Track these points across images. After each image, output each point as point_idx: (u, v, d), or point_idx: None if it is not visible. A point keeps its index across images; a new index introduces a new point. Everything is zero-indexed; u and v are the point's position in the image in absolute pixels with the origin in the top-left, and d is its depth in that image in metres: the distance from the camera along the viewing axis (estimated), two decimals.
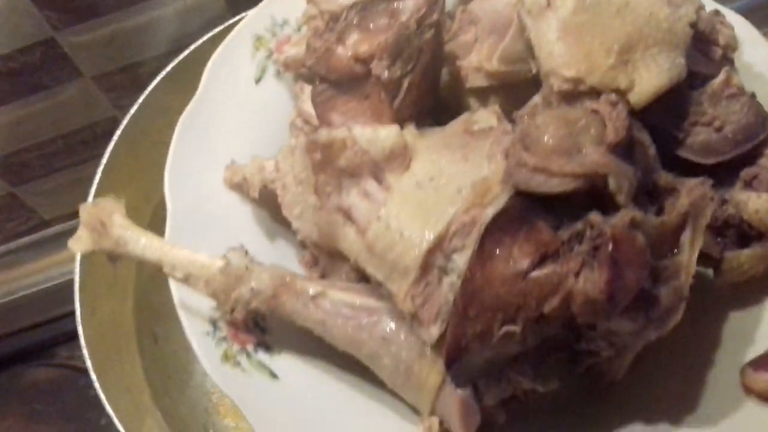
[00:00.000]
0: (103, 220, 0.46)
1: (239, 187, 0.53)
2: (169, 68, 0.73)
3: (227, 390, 0.45)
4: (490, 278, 0.39)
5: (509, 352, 0.42)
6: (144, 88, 0.72)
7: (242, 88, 0.57)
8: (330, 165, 0.46)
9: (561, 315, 0.40)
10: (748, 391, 0.46)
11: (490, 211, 0.41)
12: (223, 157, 0.54)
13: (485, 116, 0.47)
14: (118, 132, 0.72)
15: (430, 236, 0.42)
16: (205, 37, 0.73)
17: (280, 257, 0.52)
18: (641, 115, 0.43)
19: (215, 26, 0.72)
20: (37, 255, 0.96)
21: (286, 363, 0.48)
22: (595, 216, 0.40)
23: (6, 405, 0.89)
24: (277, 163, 0.51)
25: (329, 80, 0.48)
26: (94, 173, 0.72)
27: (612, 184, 0.39)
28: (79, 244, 0.47)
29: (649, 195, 0.42)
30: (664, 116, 0.45)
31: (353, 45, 0.47)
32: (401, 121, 0.48)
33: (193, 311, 0.48)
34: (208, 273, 0.45)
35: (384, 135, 0.46)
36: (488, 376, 0.44)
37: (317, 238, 0.47)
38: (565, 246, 0.40)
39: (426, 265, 0.42)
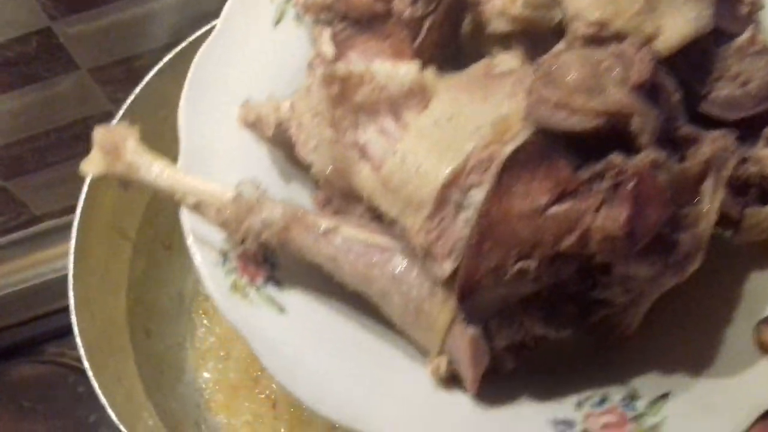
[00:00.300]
0: (116, 144, 0.46)
1: (253, 126, 0.52)
2: (166, 59, 0.73)
3: (234, 320, 0.45)
4: (507, 213, 0.39)
5: (523, 290, 0.41)
6: (140, 81, 0.72)
7: (260, 29, 0.56)
8: (347, 100, 0.45)
9: (578, 253, 0.39)
10: (763, 348, 0.45)
11: (509, 148, 0.41)
12: (238, 97, 0.53)
13: (507, 59, 0.47)
14: (114, 122, 0.71)
15: (446, 171, 0.42)
16: (203, 30, 0.72)
17: (292, 198, 0.51)
18: (665, 65, 0.42)
19: (214, 18, 0.71)
20: (27, 251, 0.96)
21: (294, 298, 0.47)
22: (615, 156, 0.39)
23: None
24: (293, 103, 0.50)
25: (349, 18, 0.48)
26: None
27: (635, 124, 0.39)
28: (92, 166, 0.47)
29: (671, 143, 0.40)
30: (688, 70, 0.44)
31: None
32: (421, 63, 0.47)
33: (204, 241, 0.47)
34: (219, 202, 0.45)
35: (404, 71, 0.45)
36: (500, 317, 0.43)
37: (331, 173, 0.47)
38: (584, 185, 0.39)
39: (441, 200, 0.42)
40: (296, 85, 0.52)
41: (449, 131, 0.43)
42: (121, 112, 0.71)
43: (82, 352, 0.63)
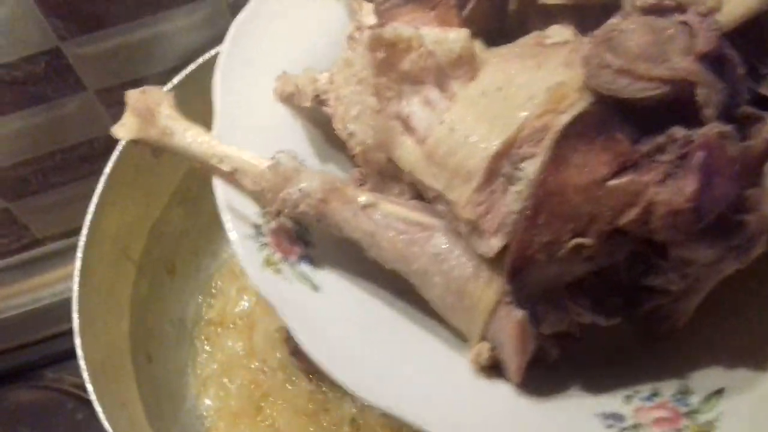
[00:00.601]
0: (150, 107, 0.44)
1: (290, 98, 0.50)
2: (174, 82, 0.73)
3: (266, 294, 0.42)
4: (564, 185, 0.37)
5: (575, 271, 0.39)
6: None
7: (297, 1, 0.54)
8: (393, 68, 0.43)
9: (637, 230, 0.37)
10: None
11: (565, 118, 0.38)
12: (273, 70, 0.51)
13: (559, 30, 0.44)
14: (120, 145, 0.71)
15: (497, 141, 0.40)
16: (212, 52, 0.72)
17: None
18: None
19: (221, 42, 0.72)
20: (27, 274, 0.94)
21: (329, 278, 0.45)
22: (677, 129, 0.37)
23: None
24: (331, 75, 0.48)
25: None
26: (89, 191, 0.71)
27: (701, 94, 0.37)
28: (124, 130, 0.45)
29: (733, 119, 0.38)
30: (749, 48, 0.41)
31: None
32: (479, 24, 0.46)
33: (237, 213, 0.45)
34: (256, 170, 0.43)
35: (453, 37, 0.43)
36: (547, 302, 0.41)
37: (372, 143, 0.44)
38: (645, 157, 0.37)
39: (492, 171, 0.40)
40: (333, 59, 0.49)
41: (499, 101, 0.41)
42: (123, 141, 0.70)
43: (85, 375, 0.61)
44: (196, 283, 0.86)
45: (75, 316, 0.63)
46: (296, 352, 0.81)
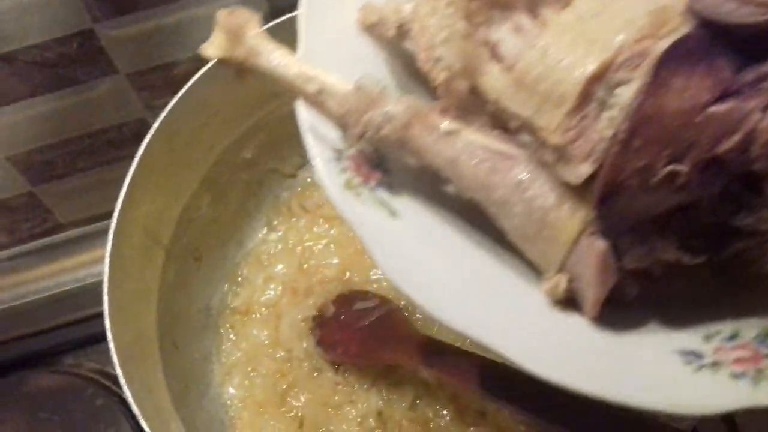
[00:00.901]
0: (239, 27, 0.44)
1: (374, 28, 0.49)
2: (207, 67, 0.72)
3: (347, 215, 0.42)
4: (661, 110, 0.35)
5: (666, 202, 0.37)
6: (178, 89, 0.71)
7: None
8: None
9: (735, 160, 0.35)
10: None
11: (665, 42, 0.37)
12: (356, 2, 0.50)
13: None
14: (153, 129, 0.70)
15: (593, 64, 0.38)
16: None
17: None
18: None
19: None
20: (49, 260, 0.94)
21: (406, 205, 0.45)
22: None
23: (7, 411, 0.85)
24: (416, 5, 0.46)
25: None
26: (116, 176, 0.70)
27: None
28: (213, 49, 0.45)
29: None
30: None
31: None
32: None
33: (320, 137, 0.45)
34: (341, 92, 0.42)
35: None
36: (632, 235, 0.40)
37: (460, 68, 0.43)
38: (749, 85, 0.35)
39: (585, 95, 0.38)
40: None
41: (596, 26, 0.39)
42: (160, 119, 0.70)
43: (115, 360, 0.60)
44: (222, 271, 0.85)
45: (105, 299, 0.63)
46: (323, 342, 0.80)
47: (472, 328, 0.39)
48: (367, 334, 0.77)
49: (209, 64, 0.71)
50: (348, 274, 0.84)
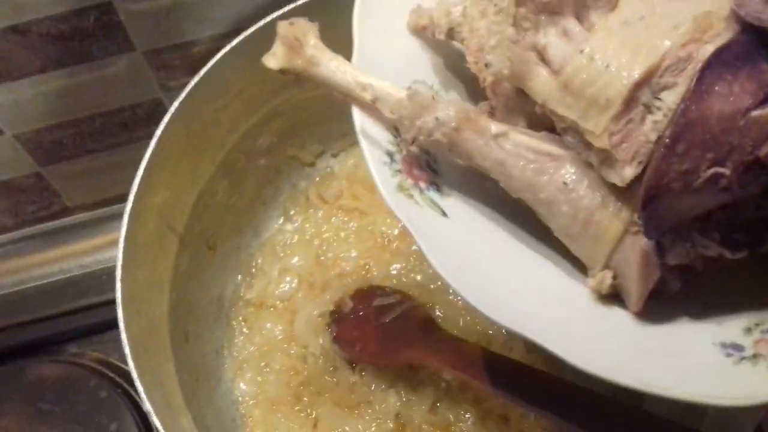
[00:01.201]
0: (298, 38, 0.46)
1: (424, 30, 0.51)
2: (227, 48, 0.68)
3: (401, 216, 0.44)
4: (706, 113, 0.37)
5: (709, 202, 0.39)
6: (195, 70, 0.67)
7: None
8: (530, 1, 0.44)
9: None
10: None
11: (710, 47, 0.38)
12: (408, 4, 0.53)
13: None
14: (171, 110, 0.66)
15: (639, 69, 0.39)
16: (266, 20, 0.68)
17: None
18: None
19: (278, 8, 0.68)
20: (54, 244, 0.91)
21: (456, 205, 0.47)
22: None
23: (8, 400, 0.82)
24: (465, 8, 0.49)
25: None
26: (127, 160, 0.67)
27: None
28: (274, 60, 0.47)
29: None
30: None
31: None
32: None
33: (373, 141, 0.47)
34: (395, 98, 0.45)
35: None
36: (675, 233, 0.41)
37: (508, 74, 0.45)
38: None
39: (631, 99, 0.40)
40: None
41: (642, 30, 0.41)
42: (179, 100, 0.66)
43: (127, 350, 0.57)
44: (237, 261, 0.82)
45: (118, 286, 0.59)
46: (339, 339, 0.76)
47: (522, 326, 0.40)
48: (387, 331, 0.74)
49: (229, 45, 0.68)
50: (367, 268, 0.81)
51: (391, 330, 0.74)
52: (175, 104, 0.65)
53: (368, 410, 0.74)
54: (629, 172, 0.40)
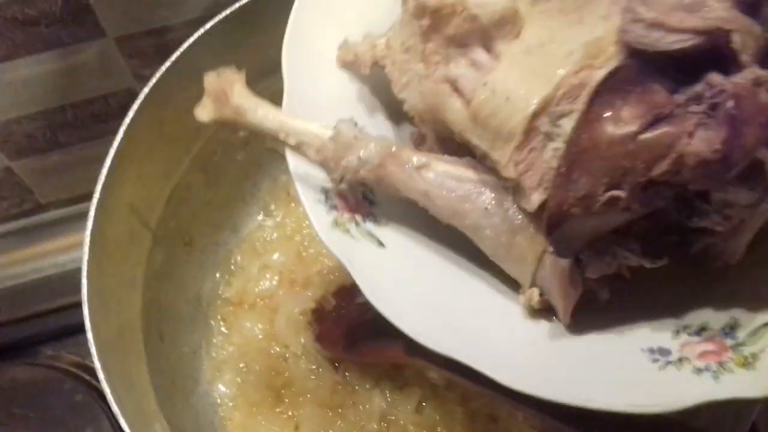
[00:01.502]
0: (224, 89, 0.48)
1: (352, 65, 0.53)
2: (199, 34, 0.66)
3: (336, 252, 0.45)
4: (597, 140, 0.38)
5: (614, 221, 0.40)
6: (167, 57, 0.65)
7: None
8: (438, 32, 0.46)
9: (670, 181, 0.37)
10: None
11: (601, 73, 0.39)
12: (337, 38, 0.53)
13: None
14: (141, 96, 0.63)
15: (536, 100, 0.41)
16: (239, 4, 0.66)
17: (389, 137, 0.52)
18: None
19: None
20: (27, 243, 0.87)
21: (392, 234, 0.48)
22: (715, 76, 0.37)
23: None
24: (388, 40, 0.50)
25: None
26: (100, 154, 0.64)
27: (736, 41, 0.37)
28: (204, 112, 0.49)
29: None
30: None
31: None
32: None
33: (307, 180, 0.49)
34: (319, 141, 0.46)
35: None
36: (592, 249, 0.42)
37: (423, 108, 0.47)
38: (680, 107, 0.37)
39: (530, 130, 0.41)
40: (394, 20, 0.51)
41: (542, 58, 0.42)
42: (149, 86, 0.63)
43: (93, 352, 0.54)
44: (214, 258, 0.79)
45: (84, 284, 0.56)
46: (321, 339, 0.74)
47: (457, 351, 0.42)
48: (370, 329, 0.71)
49: (202, 29, 0.65)
50: None
51: (376, 328, 0.71)
52: (145, 90, 0.62)
53: (352, 411, 0.71)
54: (536, 198, 0.42)
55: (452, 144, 0.48)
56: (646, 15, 0.38)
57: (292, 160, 0.49)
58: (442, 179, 0.46)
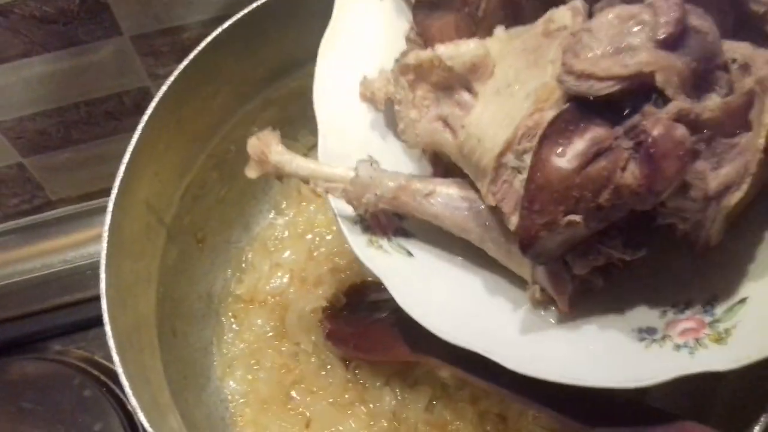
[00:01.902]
0: (264, 150, 0.55)
1: (371, 101, 0.58)
2: (215, 33, 0.66)
3: (372, 266, 0.52)
4: (549, 177, 0.43)
5: (580, 235, 0.45)
6: (183, 56, 0.65)
7: (369, 5, 0.61)
8: (424, 81, 0.51)
9: (617, 204, 0.43)
10: None
11: (549, 115, 0.45)
12: (360, 74, 0.59)
13: (562, 14, 0.48)
14: (159, 95, 0.64)
15: (500, 141, 0.47)
16: (255, 4, 0.66)
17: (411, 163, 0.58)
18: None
19: None
20: (37, 238, 0.88)
21: (419, 244, 0.55)
22: (650, 108, 0.41)
23: None
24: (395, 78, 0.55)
25: None
26: (112, 152, 0.64)
27: (659, 80, 0.41)
28: (251, 171, 0.56)
29: (709, 81, 0.43)
30: None
31: None
32: (490, 28, 0.52)
33: (345, 207, 0.55)
34: (344, 183, 0.53)
35: (464, 50, 0.50)
36: (574, 251, 0.47)
37: (424, 144, 0.54)
38: (619, 139, 0.42)
39: (499, 167, 0.47)
40: None
41: (507, 98, 0.48)
42: (167, 84, 0.64)
43: (112, 346, 0.55)
44: (227, 255, 0.80)
45: (102, 278, 0.57)
46: (332, 336, 0.74)
47: (474, 344, 0.48)
48: (381, 328, 0.71)
49: (219, 29, 0.65)
50: None
51: (386, 327, 0.72)
52: (163, 89, 0.62)
53: (362, 409, 0.72)
54: (514, 220, 0.47)
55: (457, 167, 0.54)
56: (577, 67, 0.42)
57: (332, 198, 0.56)
58: (447, 202, 0.53)
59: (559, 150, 0.43)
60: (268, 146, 0.56)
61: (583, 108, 0.43)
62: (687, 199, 0.44)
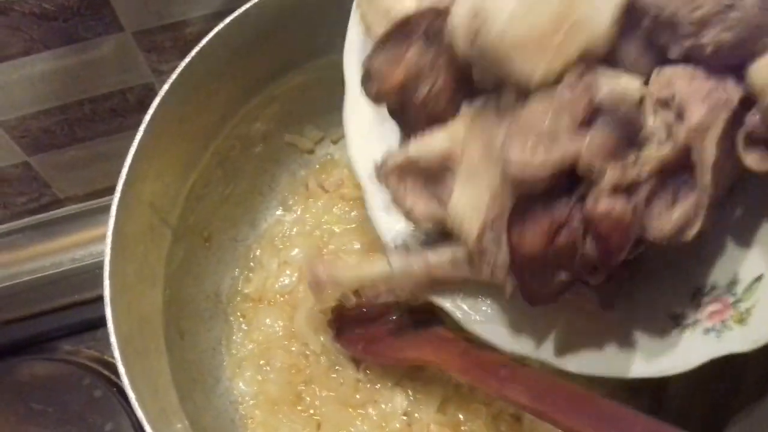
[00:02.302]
0: (317, 276, 0.61)
1: None
2: (218, 29, 0.65)
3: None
4: (528, 255, 0.47)
5: (573, 278, 0.48)
6: (185, 51, 0.63)
7: None
8: (411, 173, 0.53)
9: (592, 265, 0.46)
10: None
11: (508, 202, 0.47)
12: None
13: (509, 96, 0.48)
14: (161, 93, 0.62)
15: (476, 225, 0.50)
16: None
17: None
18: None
19: None
20: (45, 237, 0.87)
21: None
22: (587, 186, 0.44)
23: None
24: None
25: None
26: (118, 149, 0.63)
27: (581, 166, 0.43)
28: (318, 305, 0.66)
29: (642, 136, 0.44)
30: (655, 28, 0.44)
31: (386, 80, 0.52)
32: (453, 113, 0.52)
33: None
34: (381, 279, 0.59)
35: (432, 145, 0.52)
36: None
37: (435, 221, 0.54)
38: (575, 209, 0.45)
39: (480, 249, 0.50)
40: None
41: (478, 183, 0.50)
42: (169, 82, 0.62)
43: (115, 349, 0.53)
44: (234, 254, 0.78)
45: (106, 281, 0.56)
46: (341, 337, 0.73)
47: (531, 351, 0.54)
48: (391, 330, 0.70)
49: (222, 24, 0.64)
50: None
51: (397, 328, 0.70)
52: (165, 86, 0.61)
53: (374, 409, 0.70)
54: (509, 287, 0.50)
55: None
56: (512, 156, 0.44)
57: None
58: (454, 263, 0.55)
59: (527, 232, 0.46)
60: (316, 276, 0.62)
61: (527, 200, 0.46)
62: (652, 244, 0.46)
